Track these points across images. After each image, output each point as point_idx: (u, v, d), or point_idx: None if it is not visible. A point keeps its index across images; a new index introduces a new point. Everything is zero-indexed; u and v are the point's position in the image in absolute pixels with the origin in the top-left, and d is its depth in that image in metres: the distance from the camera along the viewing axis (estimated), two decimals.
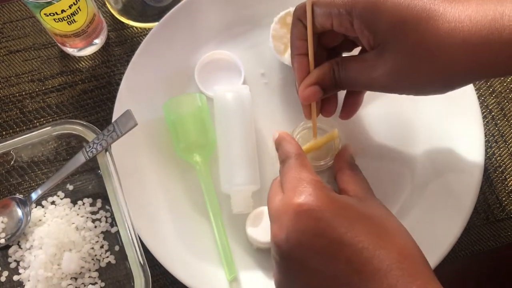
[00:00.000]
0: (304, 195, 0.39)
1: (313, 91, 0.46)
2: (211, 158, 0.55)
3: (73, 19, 0.53)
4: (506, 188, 0.57)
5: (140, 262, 0.47)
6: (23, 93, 0.60)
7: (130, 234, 0.48)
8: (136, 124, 0.48)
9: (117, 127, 0.48)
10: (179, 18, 0.58)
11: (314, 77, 0.46)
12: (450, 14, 0.38)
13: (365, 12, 0.40)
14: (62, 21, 0.53)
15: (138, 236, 0.50)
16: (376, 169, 0.55)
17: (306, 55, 0.47)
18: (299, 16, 0.47)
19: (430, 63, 0.39)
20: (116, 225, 0.54)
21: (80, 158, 0.50)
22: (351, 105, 0.51)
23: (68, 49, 0.59)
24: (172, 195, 0.54)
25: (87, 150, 0.49)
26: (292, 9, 0.56)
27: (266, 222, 0.51)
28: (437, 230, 0.53)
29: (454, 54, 0.38)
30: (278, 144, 0.48)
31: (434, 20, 0.38)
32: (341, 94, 0.52)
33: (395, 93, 0.44)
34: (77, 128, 0.51)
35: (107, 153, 0.49)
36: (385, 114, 0.57)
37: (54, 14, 0.52)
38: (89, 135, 0.51)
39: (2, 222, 0.53)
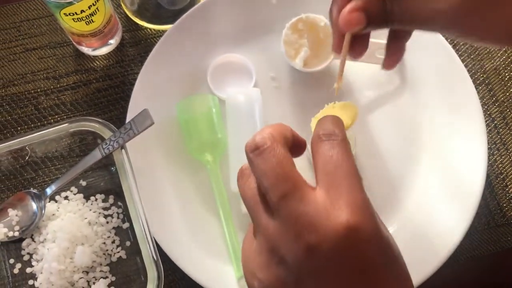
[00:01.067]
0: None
1: (357, 17, 0.38)
2: (222, 157, 0.56)
3: (91, 19, 0.55)
4: (507, 194, 0.58)
5: (153, 257, 0.48)
6: (38, 90, 0.61)
7: (144, 230, 0.49)
8: (152, 123, 0.49)
9: (134, 126, 0.49)
10: (193, 21, 0.60)
11: (362, 2, 0.39)
12: None
13: None
14: (81, 21, 0.54)
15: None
16: (380, 172, 0.57)
17: None
18: None
19: None
20: (128, 221, 0.55)
21: (96, 155, 0.51)
22: (395, 53, 0.46)
23: (84, 48, 0.61)
24: (183, 193, 0.56)
25: (104, 147, 0.50)
26: (303, 15, 0.58)
27: None
28: (439, 233, 0.54)
29: None
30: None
31: None
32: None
33: (454, 35, 0.39)
34: (94, 125, 0.52)
35: (123, 150, 0.51)
36: (391, 119, 0.59)
37: (73, 14, 0.53)
38: (106, 133, 0.52)
39: (16, 215, 0.55)
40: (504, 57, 0.63)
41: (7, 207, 0.55)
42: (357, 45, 0.44)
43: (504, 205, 0.58)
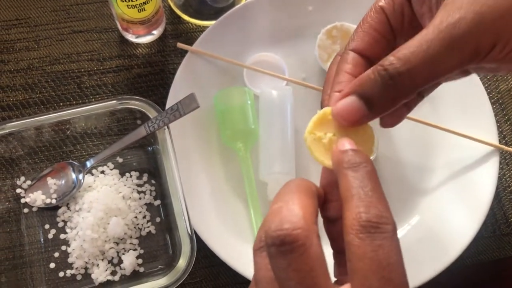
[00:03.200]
0: None
1: (351, 105, 0.29)
2: (253, 148, 0.60)
3: (144, 8, 0.59)
4: None
5: (188, 232, 0.51)
6: (82, 70, 0.65)
7: (182, 206, 0.52)
8: (198, 106, 0.53)
9: (181, 107, 0.53)
10: (234, 19, 0.64)
11: (354, 82, 0.30)
12: None
13: None
14: (134, 8, 0.58)
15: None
16: (398, 176, 0.61)
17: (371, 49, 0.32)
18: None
19: None
20: (160, 199, 0.58)
21: (141, 132, 0.54)
22: (401, 114, 0.36)
23: (129, 35, 0.65)
24: (214, 177, 0.59)
25: (149, 125, 0.54)
26: (338, 23, 0.62)
27: None
28: (449, 236, 0.58)
29: None
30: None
31: None
32: None
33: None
34: (142, 104, 0.56)
35: (167, 130, 0.54)
36: (411, 127, 0.63)
37: (128, 1, 0.57)
38: (152, 113, 0.55)
39: (54, 184, 0.58)
40: None
41: (47, 175, 0.58)
42: (389, 117, 0.34)
43: (510, 215, 0.62)
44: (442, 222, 0.59)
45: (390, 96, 0.28)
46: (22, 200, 0.57)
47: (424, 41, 0.27)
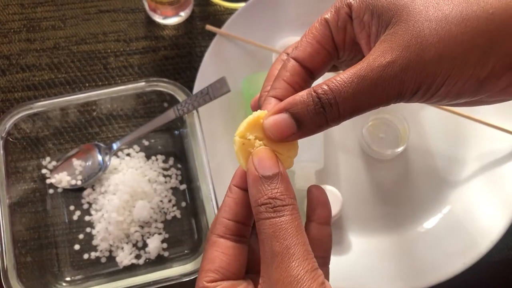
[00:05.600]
0: None
1: (282, 122, 0.30)
2: None
3: None
4: None
5: None
6: (108, 50, 0.64)
7: (210, 191, 0.51)
8: (228, 91, 0.52)
9: (211, 91, 0.52)
10: (264, 2, 0.62)
11: (286, 102, 0.30)
12: None
13: None
14: None
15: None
16: (428, 167, 0.60)
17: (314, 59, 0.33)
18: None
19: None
20: (185, 183, 0.58)
21: (170, 115, 0.53)
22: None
23: (156, 16, 0.64)
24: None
25: (179, 108, 0.53)
26: None
27: None
28: (479, 230, 0.57)
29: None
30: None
31: None
32: None
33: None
34: (170, 87, 0.55)
35: (196, 113, 0.53)
36: (443, 118, 0.61)
37: None
38: (181, 96, 0.55)
39: (80, 165, 0.57)
40: None
41: (73, 156, 0.58)
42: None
43: None
44: (472, 215, 0.58)
45: (319, 122, 0.30)
46: (47, 181, 0.57)
47: (356, 77, 0.28)
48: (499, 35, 0.27)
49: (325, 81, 0.29)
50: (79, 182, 0.57)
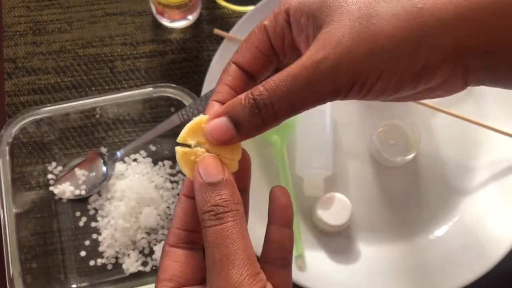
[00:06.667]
0: None
1: (221, 126, 0.30)
2: (289, 141, 0.58)
3: None
4: None
5: None
6: (115, 54, 0.63)
7: None
8: None
9: None
10: (273, 5, 0.61)
11: (225, 106, 0.31)
12: None
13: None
14: None
15: None
16: (438, 174, 0.59)
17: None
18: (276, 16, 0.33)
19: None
20: None
21: (175, 120, 0.53)
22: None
23: (163, 19, 0.63)
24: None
25: (183, 113, 0.52)
26: None
27: (336, 207, 0.54)
28: (490, 239, 0.56)
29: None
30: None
31: None
32: None
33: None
34: (177, 92, 0.54)
35: None
36: (454, 124, 0.60)
37: None
38: (188, 101, 0.54)
39: (83, 175, 0.56)
40: None
41: (77, 166, 0.57)
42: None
43: None
44: (483, 223, 0.57)
45: (255, 123, 0.30)
46: (51, 188, 0.56)
47: (290, 76, 0.28)
48: (428, 28, 0.27)
49: (262, 82, 0.30)
50: (83, 192, 0.56)
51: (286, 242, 0.34)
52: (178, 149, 0.31)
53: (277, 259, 0.32)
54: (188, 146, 0.31)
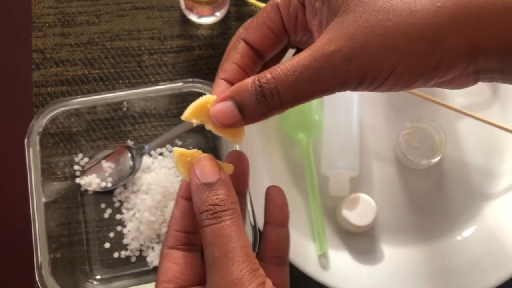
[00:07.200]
0: None
1: (226, 110, 0.31)
2: (316, 139, 0.58)
3: None
4: None
5: (251, 223, 0.50)
6: (143, 48, 0.63)
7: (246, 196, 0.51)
8: None
9: None
10: None
11: (231, 90, 0.31)
12: None
13: None
14: None
15: None
16: (462, 178, 0.59)
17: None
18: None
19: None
20: None
21: None
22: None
23: (191, 15, 0.63)
24: (274, 167, 0.58)
25: None
26: None
27: (361, 207, 0.54)
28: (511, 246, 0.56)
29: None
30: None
31: None
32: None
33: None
34: (207, 88, 0.54)
35: None
36: (479, 128, 0.60)
37: None
38: None
39: (109, 167, 0.57)
40: None
41: (104, 158, 0.57)
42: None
43: None
44: (507, 228, 0.57)
45: (261, 110, 0.30)
46: (77, 180, 0.57)
47: (299, 66, 0.28)
48: (446, 28, 0.27)
49: (269, 69, 0.29)
50: (109, 185, 0.56)
51: (283, 241, 0.35)
52: (175, 149, 0.32)
53: (274, 258, 0.33)
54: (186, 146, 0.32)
